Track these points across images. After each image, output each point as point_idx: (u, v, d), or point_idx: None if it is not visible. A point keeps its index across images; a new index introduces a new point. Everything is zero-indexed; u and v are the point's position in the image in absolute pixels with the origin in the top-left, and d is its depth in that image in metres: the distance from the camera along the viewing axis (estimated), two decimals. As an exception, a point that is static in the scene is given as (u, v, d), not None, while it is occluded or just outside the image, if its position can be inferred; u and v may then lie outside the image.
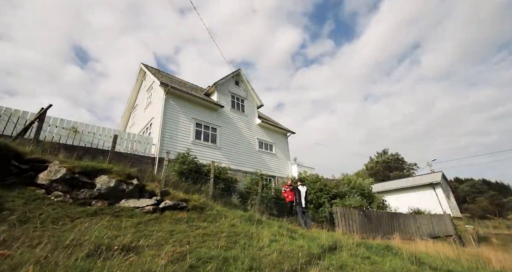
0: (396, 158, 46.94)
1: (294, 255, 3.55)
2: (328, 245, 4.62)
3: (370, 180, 12.49)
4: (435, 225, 13.39)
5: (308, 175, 11.40)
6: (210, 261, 2.74)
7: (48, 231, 2.80)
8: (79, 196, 3.93)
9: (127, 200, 4.29)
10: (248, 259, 2.92)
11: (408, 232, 10.83)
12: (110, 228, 3.14)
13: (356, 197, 9.89)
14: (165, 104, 11.22)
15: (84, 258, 2.32)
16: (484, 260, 6.79)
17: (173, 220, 4.10)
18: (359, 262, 4.15)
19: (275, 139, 16.59)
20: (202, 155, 10.85)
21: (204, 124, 12.65)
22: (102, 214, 3.63)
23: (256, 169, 12.90)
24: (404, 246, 6.19)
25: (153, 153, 10.08)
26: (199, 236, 3.56)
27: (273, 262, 3.10)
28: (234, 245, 3.48)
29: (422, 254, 5.94)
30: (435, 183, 22.51)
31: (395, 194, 24.29)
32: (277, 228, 5.09)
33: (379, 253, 5.25)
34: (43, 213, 3.16)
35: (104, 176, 4.32)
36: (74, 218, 3.29)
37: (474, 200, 39.13)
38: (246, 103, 15.98)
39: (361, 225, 8.83)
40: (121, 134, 9.61)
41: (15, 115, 6.82)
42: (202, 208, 4.91)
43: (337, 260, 3.84)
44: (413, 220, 11.84)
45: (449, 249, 7.54)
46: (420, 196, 22.62)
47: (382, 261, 4.51)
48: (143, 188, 4.78)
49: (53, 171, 4.01)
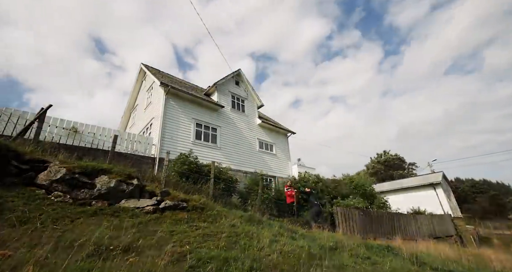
0: (396, 157, 46.92)
1: (295, 256, 3.55)
2: (329, 246, 4.62)
3: (372, 180, 12.43)
4: (436, 225, 13.37)
5: (309, 175, 11.37)
6: (210, 261, 2.73)
7: (48, 231, 2.79)
8: (79, 196, 3.93)
9: (127, 201, 4.28)
10: (248, 260, 2.92)
11: (408, 232, 10.82)
12: (110, 229, 3.14)
13: (357, 197, 9.86)
14: (165, 104, 11.23)
15: (84, 259, 2.32)
16: (485, 261, 6.79)
17: (173, 220, 4.09)
18: (359, 262, 4.17)
19: (276, 139, 16.58)
20: (203, 155, 10.82)
21: (205, 124, 12.64)
22: (102, 214, 3.63)
23: (257, 169, 12.88)
24: (404, 247, 6.19)
25: (153, 153, 10.09)
26: (199, 236, 3.55)
27: (273, 262, 3.10)
28: (234, 245, 3.48)
29: (423, 254, 5.93)
30: (436, 183, 22.45)
31: (396, 194, 24.24)
32: (277, 228, 5.08)
33: (379, 254, 5.26)
34: (43, 213, 3.15)
35: (104, 176, 4.32)
36: (74, 218, 3.28)
37: (475, 200, 39.06)
38: (247, 103, 15.98)
39: (362, 226, 8.82)
40: (121, 134, 9.62)
41: (15, 115, 6.79)
42: (202, 208, 4.90)
43: (337, 261, 3.84)
44: (413, 220, 11.83)
45: (450, 250, 7.54)
46: (421, 196, 22.55)
47: (383, 261, 4.51)
48: (143, 188, 4.77)
49: (53, 171, 4.01)
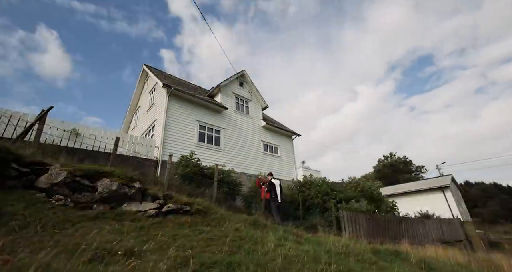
0: (403, 160, 46.37)
1: (300, 260, 3.49)
2: (335, 250, 4.52)
3: (379, 183, 12.21)
4: (445, 229, 13.09)
5: (314, 178, 11.23)
6: (214, 266, 2.69)
7: (48, 235, 2.76)
8: (81, 199, 3.90)
9: (129, 204, 4.25)
10: (252, 265, 2.87)
11: (416, 237, 10.60)
12: (112, 233, 3.10)
13: (363, 201, 9.69)
14: (168, 106, 11.21)
15: (86, 263, 2.27)
16: (495, 266, 6.62)
17: (176, 224, 4.05)
18: (366, 267, 4.09)
19: (280, 142, 16.50)
20: (206, 158, 10.78)
21: (208, 126, 12.61)
22: (103, 218, 3.60)
23: (261, 172, 12.78)
24: (412, 251, 6.06)
25: (156, 155, 10.06)
26: (203, 240, 3.51)
27: (278, 267, 3.04)
28: (238, 250, 3.43)
29: (431, 259, 5.79)
30: (445, 187, 22.02)
31: (403, 198, 23.85)
32: (282, 232, 5.01)
33: (387, 259, 5.16)
34: (43, 217, 3.12)
35: (106, 179, 4.29)
36: (75, 222, 3.25)
37: (485, 205, 38.26)
38: (251, 105, 15.94)
39: (368, 230, 8.67)
40: (123, 136, 9.61)
41: (15, 117, 6.73)
42: (205, 212, 4.85)
43: (344, 266, 3.74)
44: (422, 224, 11.61)
45: (459, 255, 7.36)
46: (429, 200, 22.14)
47: (390, 266, 4.43)
48: (145, 192, 4.73)
49: (53, 174, 3.98)
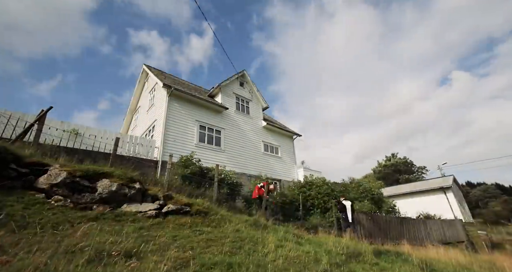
0: (404, 161, 46.29)
1: (300, 261, 3.49)
2: (335, 251, 4.50)
3: (381, 183, 12.15)
4: (446, 230, 13.05)
5: (314, 178, 11.20)
6: (214, 267, 2.70)
7: (48, 236, 2.75)
8: (80, 200, 3.88)
9: (129, 205, 4.23)
10: (253, 265, 2.88)
11: (418, 237, 10.58)
12: (112, 233, 3.09)
13: (364, 201, 9.65)
14: (168, 106, 11.19)
15: (85, 264, 2.27)
16: (497, 268, 6.60)
17: (176, 225, 4.05)
18: (367, 268, 4.09)
19: (281, 142, 16.47)
20: (206, 158, 10.74)
21: (208, 127, 12.60)
22: (103, 218, 3.59)
23: (261, 172, 12.74)
24: (414, 252, 6.05)
25: (156, 156, 10.04)
26: (203, 241, 3.51)
27: (278, 268, 3.05)
28: (238, 250, 3.43)
29: (432, 260, 5.79)
30: (446, 187, 21.98)
31: (405, 198, 23.81)
32: (283, 233, 5.00)
33: (388, 260, 5.16)
34: (43, 218, 3.11)
35: (106, 180, 4.28)
36: (74, 223, 3.24)
37: (487, 205, 38.12)
38: (251, 105, 15.92)
39: (370, 230, 8.65)
40: (123, 136, 9.59)
41: (14, 117, 6.69)
42: (206, 212, 4.84)
43: (345, 266, 3.72)
44: (423, 225, 11.58)
45: (461, 256, 7.35)
46: (431, 201, 22.09)
47: (391, 267, 4.44)
48: (145, 192, 4.72)
49: (53, 174, 3.97)
